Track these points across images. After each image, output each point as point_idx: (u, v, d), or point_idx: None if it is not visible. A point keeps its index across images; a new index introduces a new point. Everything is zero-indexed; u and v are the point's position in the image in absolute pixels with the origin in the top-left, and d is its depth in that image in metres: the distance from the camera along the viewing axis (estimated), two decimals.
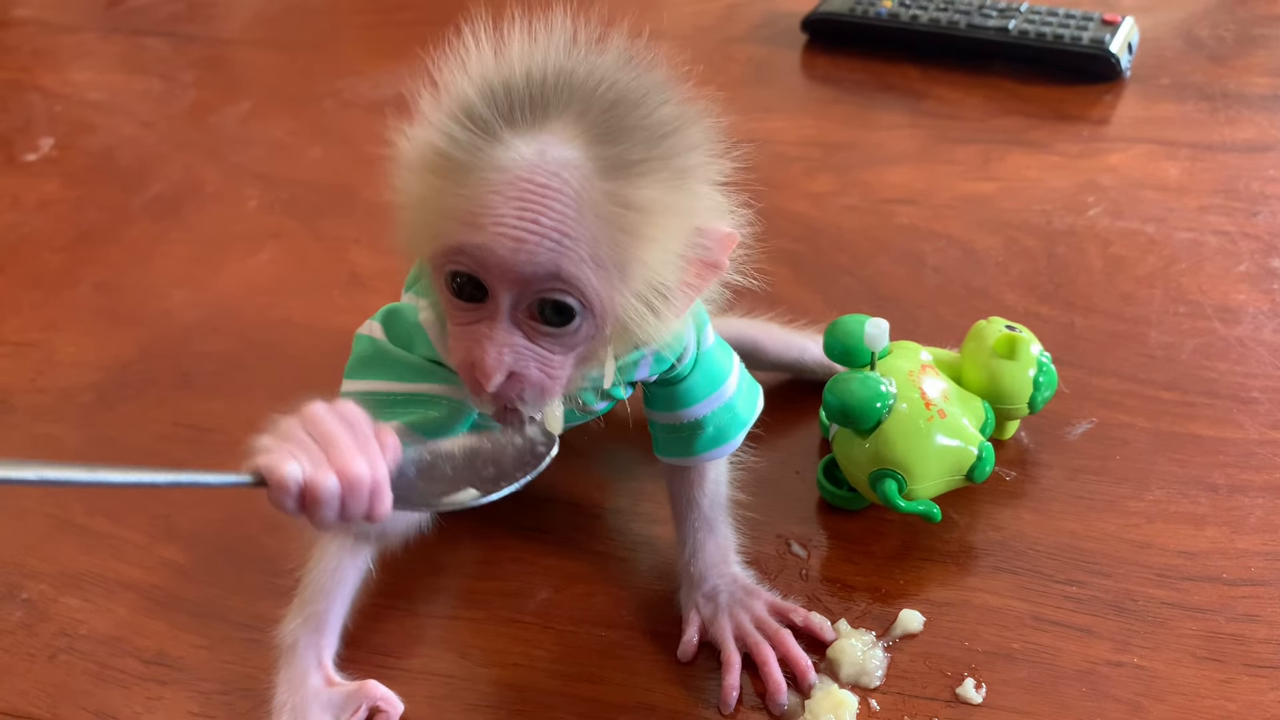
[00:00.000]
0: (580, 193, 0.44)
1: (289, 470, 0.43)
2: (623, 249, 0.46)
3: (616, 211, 0.45)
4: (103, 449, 0.77)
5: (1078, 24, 1.10)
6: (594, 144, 0.45)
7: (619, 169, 0.45)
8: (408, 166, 0.48)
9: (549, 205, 0.44)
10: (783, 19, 1.24)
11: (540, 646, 0.62)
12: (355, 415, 0.46)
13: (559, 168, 0.44)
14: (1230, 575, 0.62)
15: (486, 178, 0.45)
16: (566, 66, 0.47)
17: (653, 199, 0.46)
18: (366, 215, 0.98)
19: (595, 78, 0.46)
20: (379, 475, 0.44)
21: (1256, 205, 0.90)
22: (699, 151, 0.48)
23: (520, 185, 0.44)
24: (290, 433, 0.45)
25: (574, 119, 0.45)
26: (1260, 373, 0.74)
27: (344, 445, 0.44)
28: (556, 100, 0.45)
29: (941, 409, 0.64)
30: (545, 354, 0.48)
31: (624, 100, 0.46)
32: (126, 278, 0.93)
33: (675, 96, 0.48)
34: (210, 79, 1.25)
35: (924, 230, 0.91)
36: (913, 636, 0.60)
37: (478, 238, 0.45)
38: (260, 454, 0.44)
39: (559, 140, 0.45)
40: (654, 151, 0.46)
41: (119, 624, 0.65)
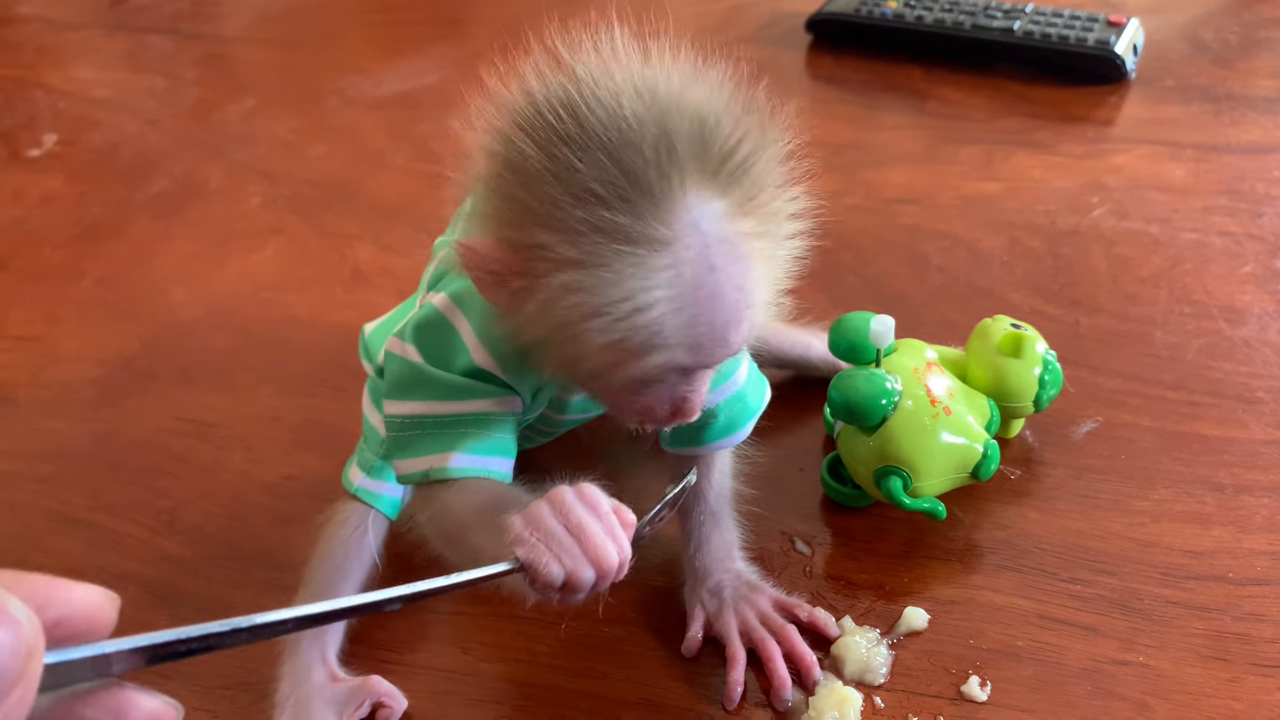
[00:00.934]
0: (746, 250, 0.45)
1: (554, 573, 0.44)
2: (774, 274, 0.48)
3: (766, 243, 0.46)
4: (106, 443, 0.76)
5: (1083, 25, 1.10)
6: (728, 189, 0.44)
7: (755, 205, 0.45)
8: (550, 308, 0.46)
9: (740, 284, 0.45)
10: (787, 19, 1.24)
11: (543, 642, 0.62)
12: (597, 499, 0.46)
13: (724, 231, 0.44)
14: (1236, 575, 0.62)
15: (669, 289, 0.44)
16: (659, 114, 0.44)
17: (776, 218, 0.47)
18: (369, 212, 0.98)
19: (675, 111, 0.44)
20: (625, 556, 0.45)
21: (1261, 206, 0.90)
22: (784, 162, 0.48)
23: (712, 281, 0.44)
24: (543, 523, 0.45)
25: (700, 170, 0.44)
26: (1265, 373, 0.74)
27: (596, 536, 0.45)
28: (678, 163, 0.43)
29: (947, 406, 0.63)
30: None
31: (730, 133, 0.45)
32: (129, 273, 0.93)
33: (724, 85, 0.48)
34: (214, 77, 1.25)
35: (928, 230, 0.91)
36: (917, 634, 0.60)
37: (698, 358, 0.46)
38: (518, 544, 0.45)
39: (702, 199, 0.44)
40: (767, 175, 0.46)
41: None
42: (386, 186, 1.02)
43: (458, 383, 0.55)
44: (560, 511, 0.45)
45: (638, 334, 0.45)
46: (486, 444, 0.55)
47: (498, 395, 0.55)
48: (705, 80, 0.47)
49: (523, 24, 0.50)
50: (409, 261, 0.90)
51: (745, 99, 0.48)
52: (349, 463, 0.65)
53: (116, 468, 0.74)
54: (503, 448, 0.55)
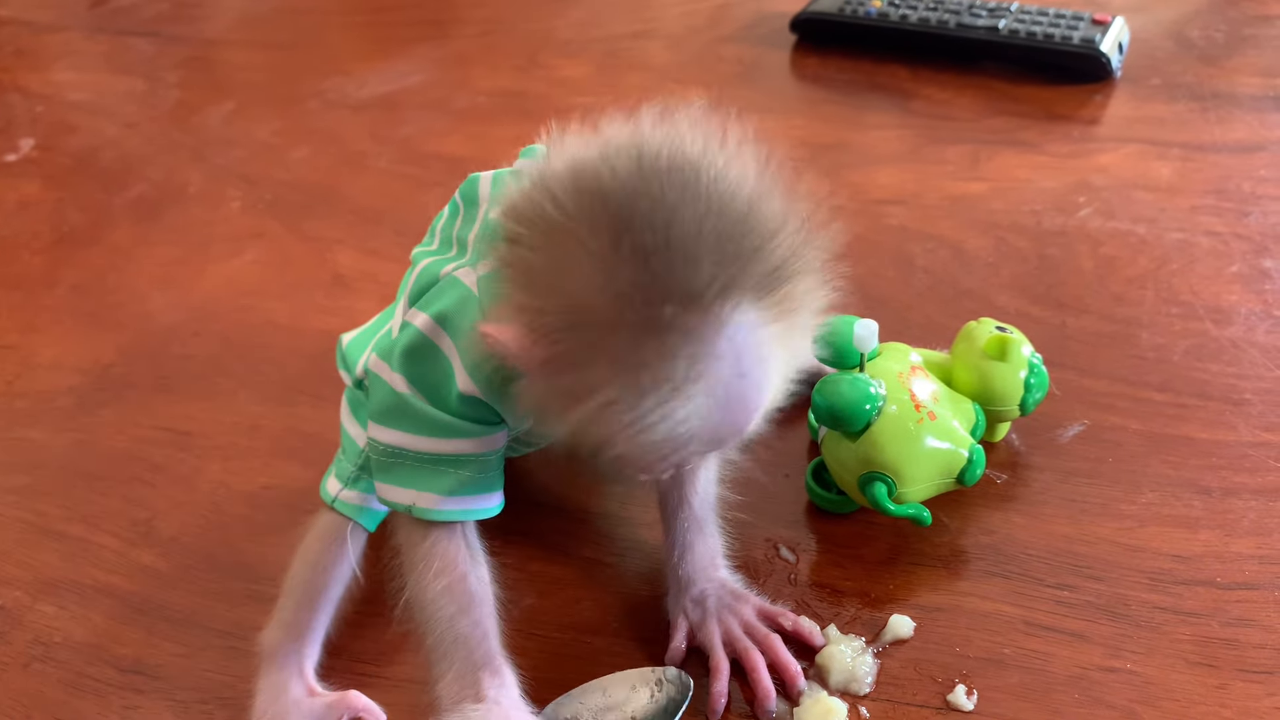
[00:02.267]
0: (771, 350, 0.45)
1: None
2: (799, 354, 0.48)
3: (792, 338, 0.46)
4: (82, 453, 0.76)
5: (1068, 24, 1.10)
6: (755, 291, 0.43)
7: (783, 302, 0.45)
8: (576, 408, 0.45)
9: (762, 385, 0.45)
10: (772, 19, 1.24)
11: (525, 654, 0.60)
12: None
13: (749, 336, 0.43)
14: (1224, 579, 0.61)
15: (696, 392, 0.43)
16: (679, 217, 0.43)
17: (811, 306, 0.47)
18: (351, 216, 0.97)
19: (712, 219, 0.43)
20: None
21: (1248, 206, 0.90)
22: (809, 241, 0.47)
23: (738, 386, 0.44)
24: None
25: (724, 273, 0.42)
26: (1253, 374, 0.74)
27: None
28: (697, 265, 0.42)
29: (931, 411, 0.63)
30: None
31: (758, 231, 0.44)
32: (107, 280, 0.92)
33: (773, 189, 0.47)
34: (195, 79, 1.24)
35: (913, 231, 0.90)
36: (903, 642, 0.60)
37: (716, 449, 0.49)
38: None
39: (728, 304, 0.43)
40: (799, 266, 0.45)
41: (95, 631, 0.64)
42: (369, 190, 1.01)
43: (442, 420, 0.54)
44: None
45: (663, 440, 0.44)
46: (472, 484, 0.55)
47: (481, 434, 0.55)
48: (759, 178, 0.46)
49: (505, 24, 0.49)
50: (391, 266, 0.89)
51: (791, 192, 0.47)
52: (327, 474, 0.64)
53: (93, 478, 0.73)
54: (488, 483, 0.56)
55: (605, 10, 1.30)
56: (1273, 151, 0.96)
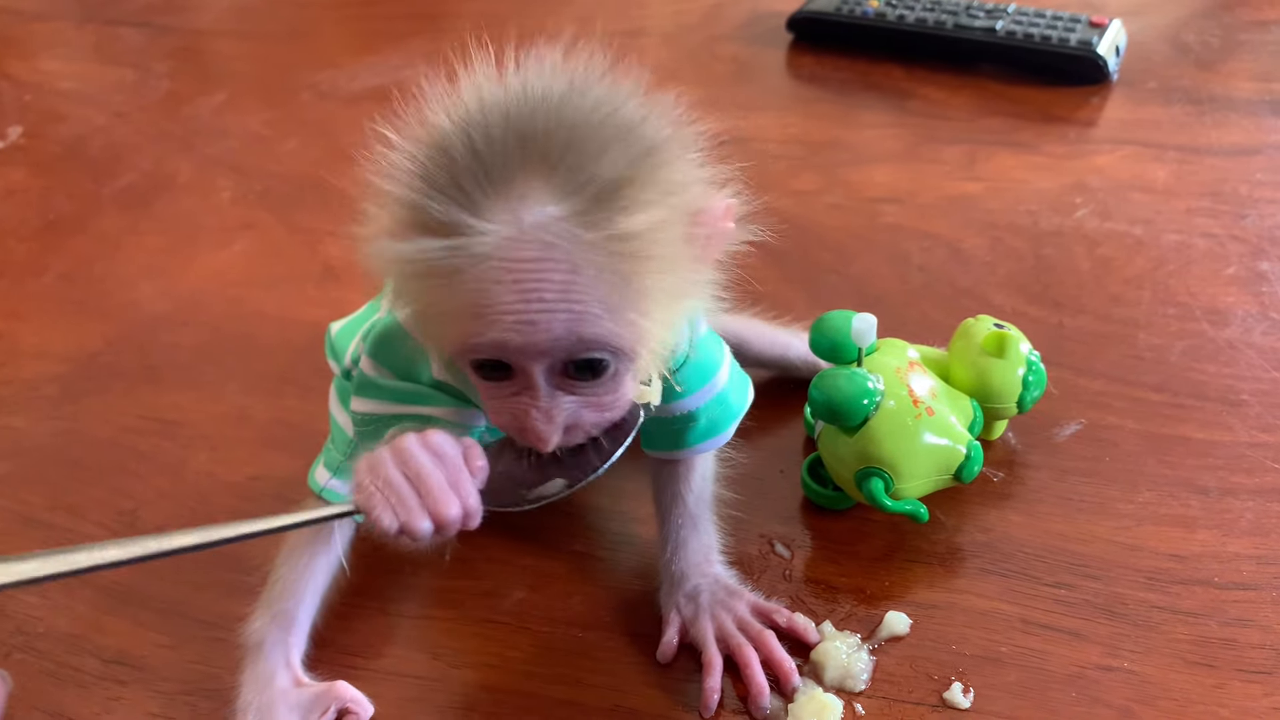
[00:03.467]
0: (572, 252, 0.42)
1: (386, 523, 0.44)
2: (632, 285, 0.44)
3: (612, 255, 0.43)
4: (67, 441, 0.74)
5: (1065, 26, 1.09)
6: (568, 194, 0.42)
7: (599, 211, 0.43)
8: (394, 271, 0.46)
9: (545, 278, 0.43)
10: (768, 18, 1.23)
11: (515, 648, 0.60)
12: (443, 446, 0.46)
13: (540, 232, 0.42)
14: (1221, 579, 0.61)
15: (474, 273, 0.43)
16: (504, 110, 0.43)
17: (641, 224, 0.43)
18: (341, 208, 0.96)
19: (541, 113, 0.43)
20: (470, 506, 0.45)
21: (1244, 208, 0.89)
22: (669, 146, 0.45)
23: (510, 268, 0.42)
24: (382, 470, 0.45)
25: (534, 170, 0.42)
26: (1249, 375, 0.73)
27: (436, 487, 0.45)
28: (506, 156, 0.42)
29: (929, 407, 0.62)
30: (593, 399, 0.47)
31: (579, 129, 0.43)
32: (94, 268, 0.91)
33: (625, 99, 0.45)
34: (185, 70, 1.23)
35: (910, 229, 0.89)
36: (899, 639, 0.59)
37: (488, 335, 0.44)
38: (356, 491, 0.46)
39: (529, 202, 0.42)
40: (629, 173, 0.43)
41: (78, 622, 0.62)
42: (359, 182, 1.00)
43: (411, 389, 0.55)
44: (401, 459, 0.45)
45: (449, 298, 0.44)
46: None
47: (454, 405, 0.55)
48: (601, 90, 0.45)
49: (499, 18, 0.48)
50: None
51: (615, 81, 0.46)
52: (315, 463, 0.63)
53: (77, 467, 0.72)
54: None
55: (600, 7, 1.29)
56: (1269, 155, 0.96)
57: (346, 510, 0.46)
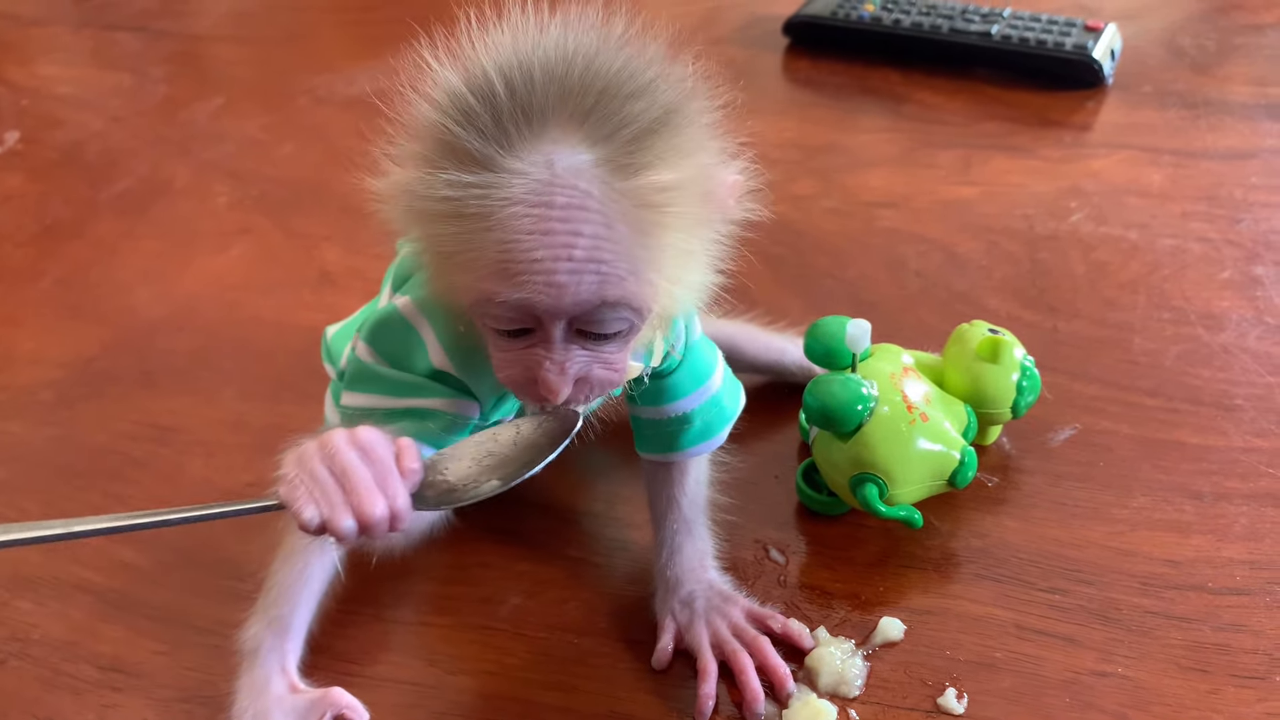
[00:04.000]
0: (603, 201, 0.43)
1: (308, 516, 0.44)
2: (654, 243, 0.45)
3: (641, 209, 0.44)
4: (63, 447, 0.74)
5: (1061, 30, 1.10)
6: (598, 142, 0.43)
7: (630, 162, 0.43)
8: (413, 213, 0.46)
9: (577, 231, 0.43)
10: (764, 22, 1.23)
11: (511, 654, 0.60)
12: (373, 445, 0.45)
13: (573, 179, 0.43)
14: (1215, 584, 0.61)
15: (505, 218, 0.42)
16: (543, 58, 0.44)
17: (668, 182, 0.44)
18: (338, 212, 0.96)
19: (577, 65, 0.44)
20: (398, 506, 0.44)
21: (1239, 212, 0.90)
22: (690, 108, 0.47)
23: (541, 218, 0.42)
24: (310, 465, 0.44)
25: (569, 118, 0.43)
26: (1244, 380, 0.73)
27: (362, 484, 0.44)
28: (545, 101, 0.43)
29: (924, 412, 0.62)
30: (604, 356, 0.48)
31: (613, 82, 0.44)
32: (90, 273, 0.91)
33: (656, 63, 0.46)
34: (182, 74, 1.23)
35: (905, 234, 0.90)
36: (893, 645, 0.59)
37: (516, 293, 0.43)
38: (283, 483, 0.45)
39: (563, 146, 0.43)
40: (656, 127, 0.44)
41: (74, 628, 0.63)
42: (357, 186, 1.00)
43: (408, 380, 0.55)
44: (327, 454, 0.44)
45: (461, 246, 0.43)
46: (432, 438, 0.53)
47: (451, 395, 0.54)
48: (631, 50, 0.46)
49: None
50: (378, 263, 0.87)
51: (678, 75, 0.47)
52: None
53: (73, 473, 0.72)
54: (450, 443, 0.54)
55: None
56: (1264, 159, 0.96)
57: (271, 503, 0.45)
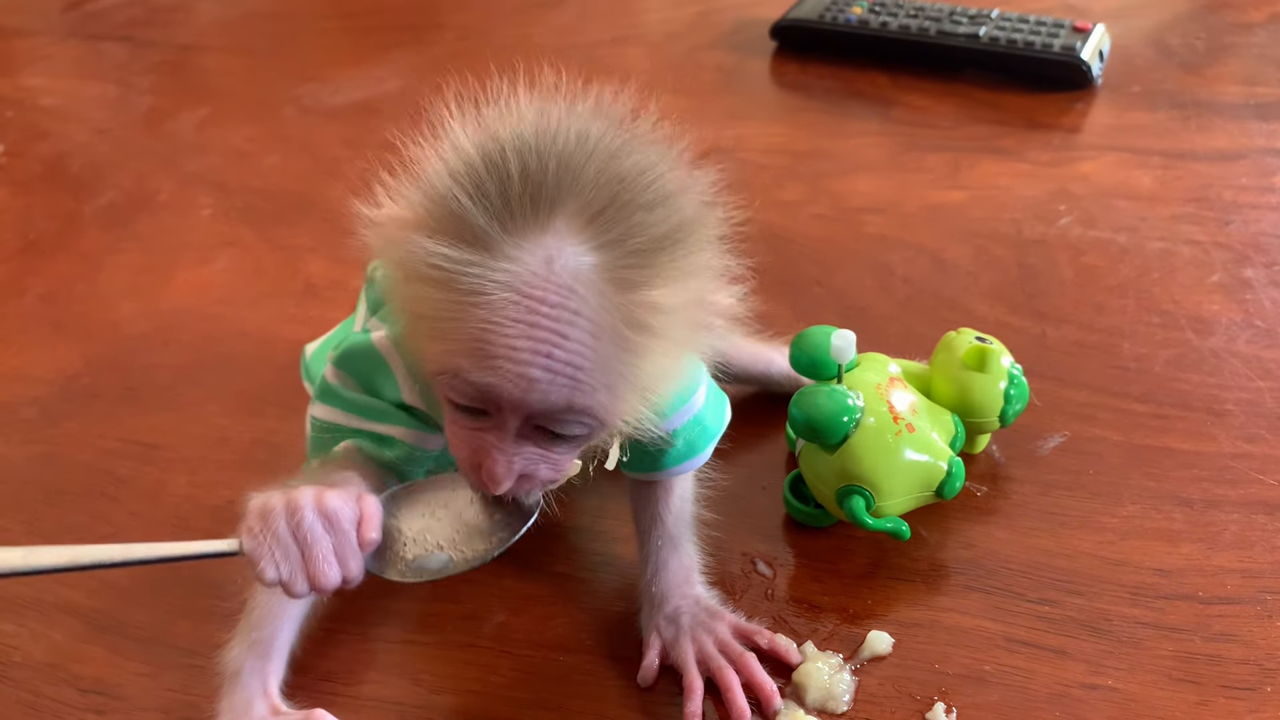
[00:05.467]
0: (595, 312, 0.42)
1: (269, 576, 0.46)
2: (636, 362, 0.44)
3: (630, 328, 0.43)
4: (46, 465, 0.74)
5: (1049, 31, 1.09)
6: (602, 246, 0.42)
7: (630, 276, 0.42)
8: (401, 268, 0.45)
9: (562, 334, 0.42)
10: (752, 26, 1.23)
11: (496, 672, 0.59)
12: (338, 514, 0.46)
13: (571, 280, 0.42)
14: (1206, 593, 0.60)
15: (493, 301, 0.42)
16: (563, 147, 0.43)
17: (664, 304, 0.43)
18: (323, 224, 0.96)
19: (596, 160, 0.43)
20: (350, 575, 0.46)
21: (1229, 214, 0.89)
22: (703, 225, 0.46)
23: (530, 310, 0.42)
24: (274, 524, 0.46)
25: (576, 214, 0.42)
26: (1234, 384, 0.73)
27: (320, 555, 0.46)
28: (556, 193, 0.42)
29: (910, 423, 0.62)
30: (553, 456, 0.47)
31: (628, 187, 0.43)
32: (74, 288, 0.90)
33: (678, 172, 0.45)
34: (168, 85, 1.23)
35: (893, 239, 0.89)
36: (881, 659, 0.58)
37: (487, 377, 0.43)
38: (246, 534, 0.47)
39: (565, 243, 0.42)
40: (665, 246, 0.43)
41: (55, 650, 0.62)
42: (342, 197, 1.00)
43: (373, 405, 0.55)
44: (293, 518, 0.45)
45: (444, 313, 0.43)
46: (389, 465, 0.55)
47: (414, 427, 0.55)
48: (652, 151, 0.45)
49: (483, 31, 0.48)
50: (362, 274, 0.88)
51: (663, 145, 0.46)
52: None
53: (55, 491, 0.72)
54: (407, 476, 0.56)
55: (584, 17, 1.29)
56: (1253, 159, 0.96)
57: (233, 550, 0.47)
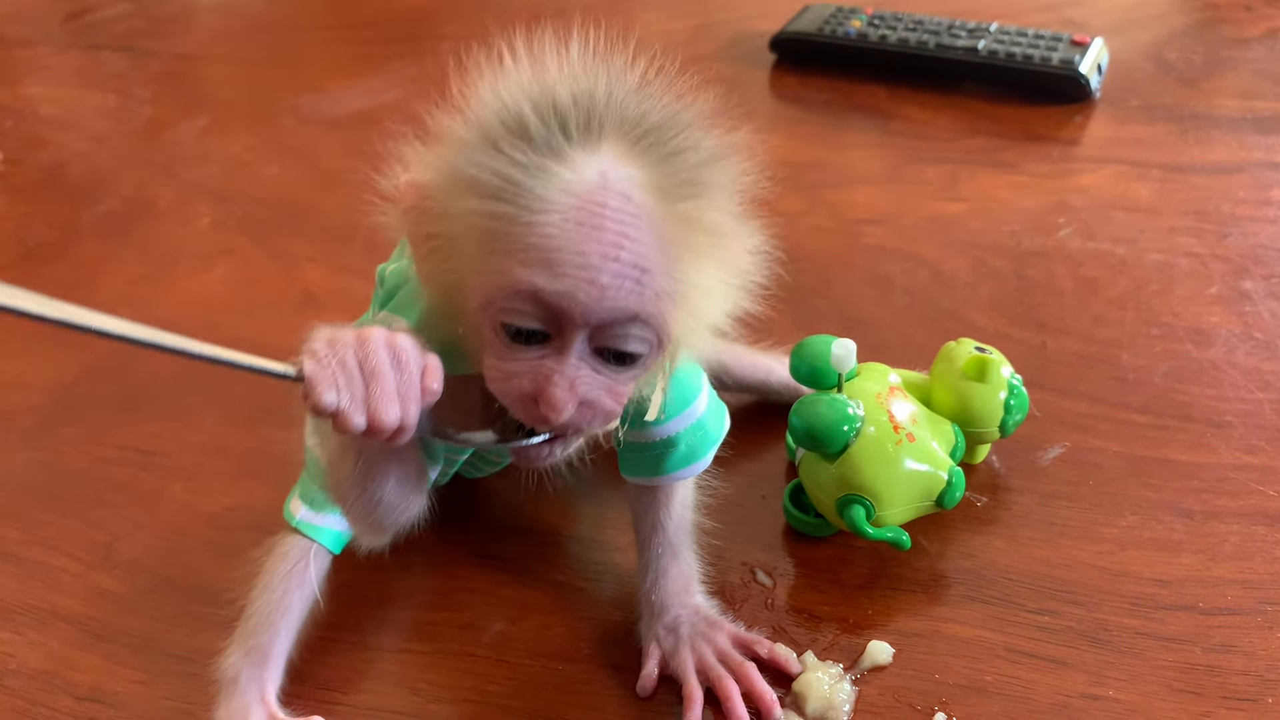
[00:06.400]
0: (652, 217, 0.43)
1: (327, 399, 0.43)
2: (692, 274, 0.44)
3: (689, 236, 0.44)
4: (43, 472, 0.74)
5: (1047, 45, 1.10)
6: (652, 163, 0.43)
7: (683, 189, 0.43)
8: (457, 189, 0.45)
9: (625, 235, 0.42)
10: (751, 38, 1.23)
11: (494, 681, 0.59)
12: (406, 353, 0.45)
13: (628, 187, 0.43)
14: (1206, 604, 0.60)
15: (551, 203, 0.42)
16: (608, 88, 0.45)
17: (719, 222, 0.45)
18: (322, 233, 0.96)
19: (635, 97, 0.45)
20: (408, 421, 0.44)
21: (1227, 227, 0.89)
22: (738, 181, 0.47)
23: (594, 214, 0.42)
24: (342, 353, 0.44)
25: (624, 137, 0.43)
26: (1233, 396, 0.73)
27: (385, 389, 0.44)
28: (606, 119, 0.43)
29: (910, 432, 0.62)
30: (613, 383, 0.46)
31: (669, 122, 0.45)
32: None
33: (712, 125, 0.47)
34: (167, 94, 1.23)
35: (892, 250, 0.89)
36: (881, 669, 0.58)
37: (556, 284, 0.42)
38: (309, 357, 0.44)
39: (619, 158, 0.43)
40: (708, 175, 0.44)
41: (51, 658, 0.62)
42: (341, 207, 1.00)
43: None
44: (363, 349, 0.44)
45: (506, 227, 0.43)
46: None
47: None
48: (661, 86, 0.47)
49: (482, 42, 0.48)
50: (363, 284, 0.87)
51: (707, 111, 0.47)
52: (291, 494, 0.62)
53: (52, 499, 0.72)
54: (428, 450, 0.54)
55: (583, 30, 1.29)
56: (1251, 173, 0.96)
57: (290, 372, 0.45)
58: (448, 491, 0.68)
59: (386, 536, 0.55)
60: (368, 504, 0.51)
